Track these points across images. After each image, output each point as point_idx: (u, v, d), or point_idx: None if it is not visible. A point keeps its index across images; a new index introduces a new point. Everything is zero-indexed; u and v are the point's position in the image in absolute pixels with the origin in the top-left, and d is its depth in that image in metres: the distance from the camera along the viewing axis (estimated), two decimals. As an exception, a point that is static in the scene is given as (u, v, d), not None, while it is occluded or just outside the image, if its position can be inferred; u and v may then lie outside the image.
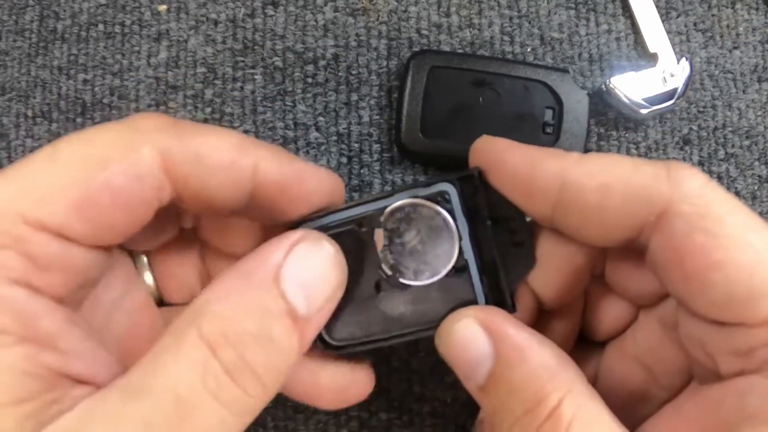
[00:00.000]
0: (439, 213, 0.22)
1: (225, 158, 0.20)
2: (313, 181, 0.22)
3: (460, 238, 0.23)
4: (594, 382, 0.25)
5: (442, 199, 0.23)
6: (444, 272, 0.22)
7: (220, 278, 0.19)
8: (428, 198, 0.23)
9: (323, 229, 0.23)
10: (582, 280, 0.23)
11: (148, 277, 0.25)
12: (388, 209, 0.23)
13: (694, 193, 0.20)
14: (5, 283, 0.18)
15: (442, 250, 0.23)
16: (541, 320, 0.24)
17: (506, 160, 0.22)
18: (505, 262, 0.23)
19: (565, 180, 0.21)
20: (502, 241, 0.23)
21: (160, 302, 0.26)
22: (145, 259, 0.25)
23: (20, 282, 0.18)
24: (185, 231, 0.26)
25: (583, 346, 0.26)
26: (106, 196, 0.19)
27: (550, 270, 0.23)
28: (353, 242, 0.23)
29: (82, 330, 0.19)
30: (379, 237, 0.23)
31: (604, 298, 0.25)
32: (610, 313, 0.25)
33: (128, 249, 0.25)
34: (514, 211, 0.22)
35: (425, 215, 0.23)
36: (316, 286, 0.20)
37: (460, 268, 0.23)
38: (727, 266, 0.19)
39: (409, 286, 0.23)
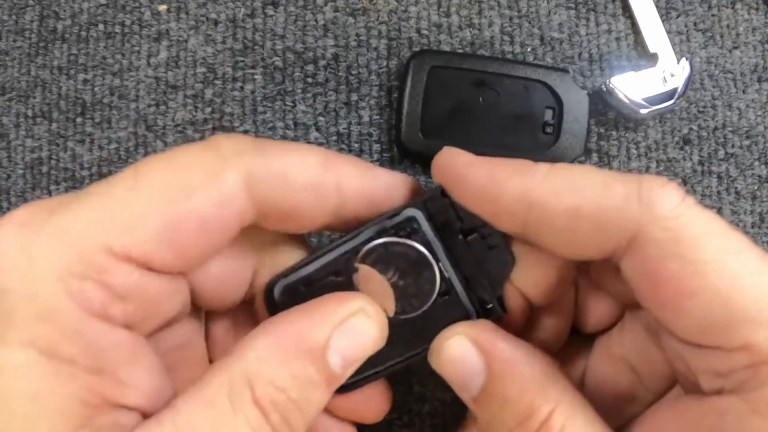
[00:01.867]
0: (412, 247, 0.22)
1: (310, 178, 0.21)
2: (394, 189, 0.23)
3: (438, 261, 0.22)
4: (582, 378, 0.25)
5: (410, 227, 0.22)
6: (430, 301, 0.22)
7: (272, 331, 0.20)
8: (397, 227, 0.22)
9: (302, 283, 0.23)
10: (567, 275, 0.23)
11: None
12: (360, 254, 0.22)
13: (668, 215, 0.19)
14: (83, 316, 0.18)
15: (423, 281, 0.22)
16: (533, 317, 0.24)
17: (468, 178, 0.21)
18: (486, 268, 0.23)
19: (532, 201, 0.20)
20: (478, 248, 0.22)
21: None
22: (203, 320, 0.25)
23: (97, 314, 0.18)
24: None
25: (573, 339, 0.25)
26: (192, 224, 0.19)
27: (532, 269, 0.23)
28: (335, 290, 0.22)
29: (147, 360, 0.20)
30: (358, 282, 0.22)
31: (591, 292, 0.24)
32: (598, 307, 0.24)
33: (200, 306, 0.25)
34: (484, 219, 0.22)
35: (399, 252, 0.22)
36: (357, 354, 0.21)
37: (444, 291, 0.23)
38: (703, 293, 0.18)
39: (399, 318, 0.23)
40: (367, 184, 0.22)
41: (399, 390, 0.31)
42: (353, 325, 0.21)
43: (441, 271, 0.22)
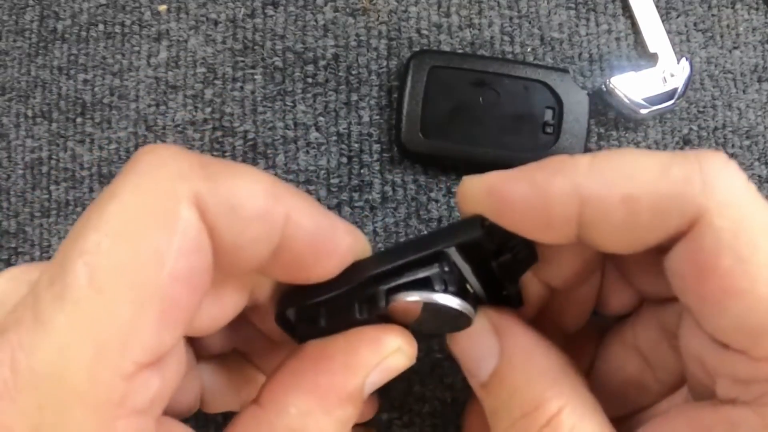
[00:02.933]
0: (448, 306, 0.20)
1: (259, 208, 0.18)
2: (344, 238, 0.20)
3: (466, 281, 0.21)
4: (592, 362, 0.25)
5: (441, 263, 0.20)
6: (457, 331, 0.22)
7: (310, 383, 0.20)
8: (427, 261, 0.20)
9: (321, 309, 0.21)
10: (592, 264, 0.22)
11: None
12: (389, 307, 0.20)
13: (731, 202, 0.17)
14: None
15: (455, 322, 0.21)
16: (555, 297, 0.24)
17: (509, 193, 0.19)
18: (508, 271, 0.22)
19: (583, 196, 0.18)
20: (507, 264, 0.21)
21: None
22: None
23: None
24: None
25: (589, 321, 0.25)
26: (178, 290, 0.17)
27: (557, 263, 0.22)
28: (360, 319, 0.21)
29: None
30: (389, 316, 0.21)
31: (617, 278, 0.24)
32: (621, 294, 0.24)
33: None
34: (514, 236, 0.20)
35: (432, 308, 0.20)
36: (385, 380, 0.21)
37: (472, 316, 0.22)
38: (747, 296, 0.17)
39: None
40: (317, 225, 0.19)
41: (399, 390, 0.31)
42: (389, 363, 0.20)
43: (472, 302, 0.21)
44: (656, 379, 0.23)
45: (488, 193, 0.20)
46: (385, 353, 0.20)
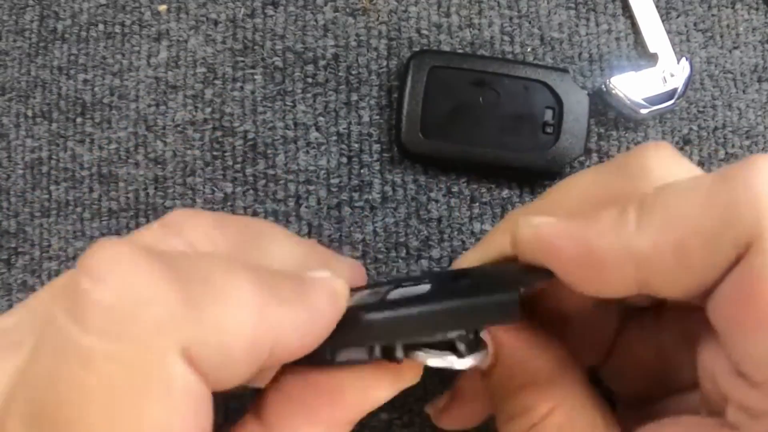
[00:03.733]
0: (465, 370, 0.20)
1: (248, 340, 0.17)
2: (330, 310, 0.19)
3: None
4: (611, 348, 0.24)
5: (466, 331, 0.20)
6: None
7: (313, 414, 0.19)
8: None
9: (326, 348, 0.20)
10: None
11: None
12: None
13: None
14: None
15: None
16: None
17: (563, 254, 0.19)
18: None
19: (636, 258, 0.18)
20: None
21: None
22: None
23: None
24: None
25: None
26: None
27: None
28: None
29: None
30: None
31: None
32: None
33: None
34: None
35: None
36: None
37: None
38: None
39: None
40: (307, 338, 0.18)
41: (399, 390, 0.31)
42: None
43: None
44: (674, 377, 0.23)
45: (540, 247, 0.19)
46: (397, 390, 0.20)
